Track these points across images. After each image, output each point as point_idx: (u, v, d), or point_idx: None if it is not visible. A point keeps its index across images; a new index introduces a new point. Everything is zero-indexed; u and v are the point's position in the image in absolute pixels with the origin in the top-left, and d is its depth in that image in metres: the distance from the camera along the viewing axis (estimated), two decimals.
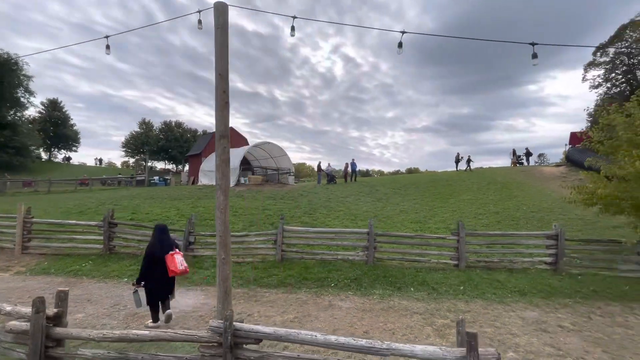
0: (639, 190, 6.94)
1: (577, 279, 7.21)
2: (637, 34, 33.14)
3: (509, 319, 5.65)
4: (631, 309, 6.14)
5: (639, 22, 31.91)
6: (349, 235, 8.54)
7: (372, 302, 6.40)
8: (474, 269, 7.73)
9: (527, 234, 8.09)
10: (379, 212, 14.52)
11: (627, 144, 7.20)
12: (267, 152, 26.68)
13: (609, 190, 7.31)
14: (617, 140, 7.45)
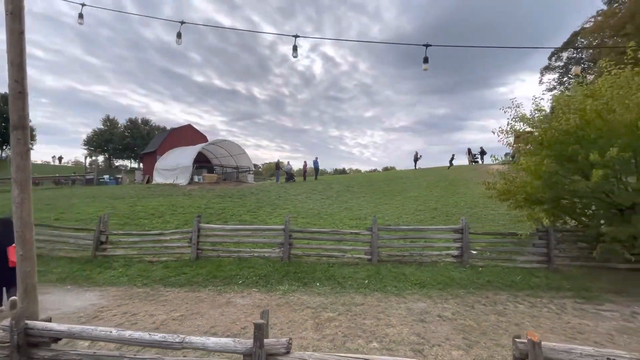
0: (530, 184, 7.36)
1: (478, 271, 7.53)
2: (587, 41, 35.11)
3: (395, 311, 5.81)
4: (515, 296, 6.49)
5: (589, 29, 33.88)
6: (265, 232, 8.53)
7: (272, 298, 6.42)
8: (386, 264, 7.92)
9: (436, 229, 8.39)
10: (323, 210, 14.63)
11: (524, 142, 7.62)
12: (226, 151, 26.27)
13: (506, 185, 7.70)
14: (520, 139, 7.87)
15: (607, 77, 7.02)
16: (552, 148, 7.27)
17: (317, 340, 4.67)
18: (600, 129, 6.50)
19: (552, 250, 7.56)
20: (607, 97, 6.49)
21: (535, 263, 7.64)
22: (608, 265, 7.43)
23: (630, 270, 7.35)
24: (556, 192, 7.40)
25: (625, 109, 6.10)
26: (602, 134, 6.56)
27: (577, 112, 6.82)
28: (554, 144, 7.22)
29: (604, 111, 6.40)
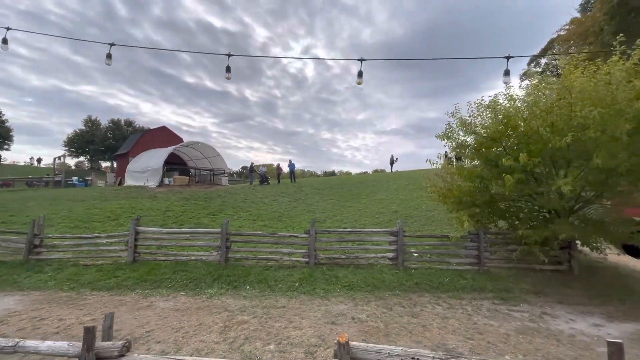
0: (459, 188, 7.53)
1: (410, 273, 7.64)
2: (562, 48, 36.01)
3: (312, 313, 5.86)
4: (438, 298, 6.61)
5: (564, 36, 34.78)
6: (202, 235, 8.50)
7: (195, 302, 6.40)
8: (322, 266, 7.97)
9: (372, 231, 8.49)
10: (286, 212, 14.64)
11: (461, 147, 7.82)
12: (201, 153, 26.09)
13: (438, 188, 7.86)
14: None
15: (532, 85, 7.25)
16: (479, 153, 7.47)
17: (215, 343, 4.68)
18: (518, 134, 6.70)
19: (483, 253, 7.73)
20: (519, 104, 6.72)
21: (467, 265, 7.79)
22: (535, 267, 7.63)
23: (554, 272, 7.56)
24: (488, 195, 7.58)
25: (533, 115, 6.31)
26: (520, 140, 6.77)
27: (500, 119, 7.03)
28: (482, 149, 7.41)
29: (516, 118, 6.61)
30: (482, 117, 7.39)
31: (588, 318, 5.72)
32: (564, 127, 6.11)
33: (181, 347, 4.55)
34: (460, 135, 7.82)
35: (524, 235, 6.85)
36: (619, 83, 5.90)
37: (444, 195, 7.94)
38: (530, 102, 6.66)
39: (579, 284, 7.06)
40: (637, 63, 6.17)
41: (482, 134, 7.34)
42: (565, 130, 6.08)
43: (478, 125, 7.47)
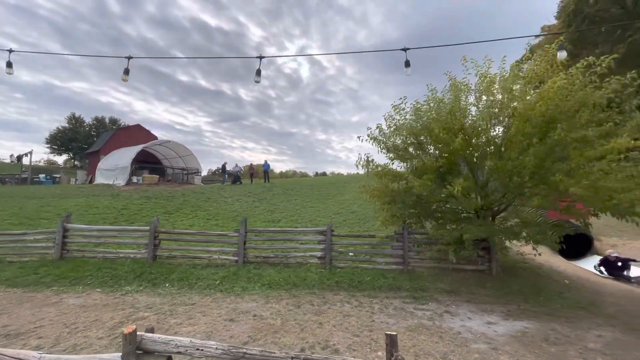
0: (387, 190, 7.65)
1: (335, 272, 7.72)
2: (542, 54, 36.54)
3: (217, 310, 5.90)
4: (352, 297, 6.69)
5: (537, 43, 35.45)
6: (132, 233, 8.48)
7: (108, 298, 6.40)
8: (250, 265, 8.01)
9: (301, 231, 8.57)
10: (245, 212, 14.65)
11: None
12: (175, 152, 25.96)
13: (370, 189, 7.97)
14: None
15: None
16: (404, 155, 7.61)
17: (98, 339, 4.70)
18: (432, 138, 6.86)
19: (407, 253, 7.85)
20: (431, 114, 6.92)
21: (392, 265, 7.90)
22: (457, 267, 7.77)
23: (474, 272, 7.71)
24: (414, 196, 7.71)
25: (436, 120, 6.52)
26: (435, 143, 6.92)
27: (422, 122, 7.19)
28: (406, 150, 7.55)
29: (431, 121, 6.78)
30: (404, 120, 7.53)
31: (486, 316, 5.86)
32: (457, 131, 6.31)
33: (59, 343, 4.56)
34: (391, 138, 7.94)
35: (436, 235, 6.99)
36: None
37: (374, 195, 8.04)
38: (437, 106, 6.84)
39: (494, 283, 7.21)
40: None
41: (406, 137, 7.47)
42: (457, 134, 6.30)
43: (404, 128, 7.61)
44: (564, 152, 6.20)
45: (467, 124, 6.38)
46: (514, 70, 7.15)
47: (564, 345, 4.75)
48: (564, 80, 6.10)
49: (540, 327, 5.39)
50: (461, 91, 7.16)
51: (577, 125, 6.14)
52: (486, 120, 6.86)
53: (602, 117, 6.22)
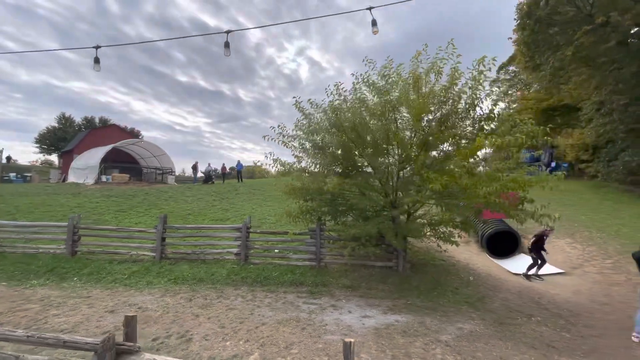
0: (303, 188, 7.80)
1: (246, 268, 7.85)
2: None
3: (101, 302, 6.06)
4: (251, 291, 6.82)
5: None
6: (52, 229, 8.63)
7: (8, 292, 6.54)
8: (167, 261, 8.15)
9: (218, 227, 8.71)
10: (200, 210, 14.77)
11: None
12: (149, 152, 26.13)
13: (289, 187, 8.12)
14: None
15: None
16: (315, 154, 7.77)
17: None
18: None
19: (320, 249, 7.99)
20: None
21: (306, 261, 8.04)
22: (367, 263, 7.91)
23: (382, 268, 7.85)
24: (329, 194, 7.86)
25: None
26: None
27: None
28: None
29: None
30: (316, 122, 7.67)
31: (368, 310, 6.00)
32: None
33: None
34: (303, 138, 8.06)
35: (338, 232, 7.17)
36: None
37: (290, 193, 8.17)
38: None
39: (397, 279, 7.35)
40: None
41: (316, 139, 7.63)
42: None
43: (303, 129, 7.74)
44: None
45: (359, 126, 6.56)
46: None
47: (417, 337, 4.89)
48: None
49: (411, 321, 5.53)
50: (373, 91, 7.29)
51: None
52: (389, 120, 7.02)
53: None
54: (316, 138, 7.45)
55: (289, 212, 7.76)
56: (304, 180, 7.61)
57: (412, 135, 6.89)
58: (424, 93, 6.27)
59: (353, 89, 7.36)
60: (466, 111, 6.73)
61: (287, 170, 7.65)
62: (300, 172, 7.67)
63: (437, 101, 6.37)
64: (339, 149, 7.28)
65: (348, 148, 7.06)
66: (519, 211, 6.91)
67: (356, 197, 7.27)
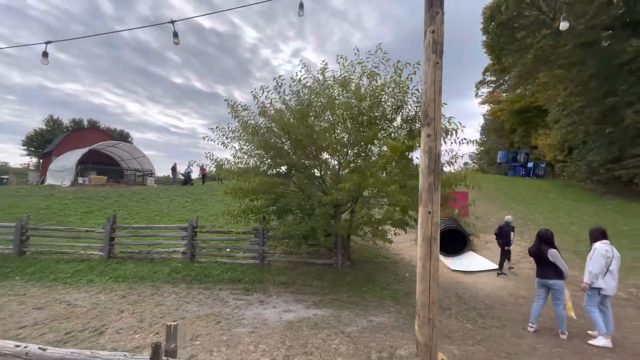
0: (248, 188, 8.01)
1: (192, 266, 8.05)
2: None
3: (39, 300, 6.22)
4: (188, 289, 7.04)
5: None
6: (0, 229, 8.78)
7: None
8: (115, 260, 8.32)
9: (165, 227, 8.92)
10: (167, 212, 14.89)
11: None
12: (130, 154, 26.23)
13: (234, 187, 8.32)
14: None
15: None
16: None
17: None
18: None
19: (264, 248, 8.21)
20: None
21: (250, 259, 8.25)
22: (311, 261, 8.15)
23: (323, 265, 8.08)
24: (273, 194, 8.09)
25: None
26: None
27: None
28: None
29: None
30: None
31: (292, 305, 6.23)
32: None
33: None
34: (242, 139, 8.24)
35: (276, 231, 7.45)
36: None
37: (237, 192, 8.37)
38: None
39: (333, 276, 7.58)
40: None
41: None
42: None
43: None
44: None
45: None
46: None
47: (323, 329, 5.12)
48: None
49: (328, 315, 5.76)
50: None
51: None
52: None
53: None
54: (252, 139, 7.66)
55: (230, 212, 7.95)
56: (248, 180, 7.80)
57: (342, 137, 7.14)
58: (346, 97, 6.54)
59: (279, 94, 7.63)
60: (394, 113, 7.01)
61: (230, 171, 7.84)
62: (241, 172, 7.88)
63: (357, 103, 6.62)
64: (271, 151, 7.51)
65: (277, 149, 7.31)
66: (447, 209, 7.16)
67: (298, 196, 7.51)
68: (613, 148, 15.47)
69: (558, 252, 5.12)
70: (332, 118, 7.18)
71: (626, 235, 10.21)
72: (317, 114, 7.00)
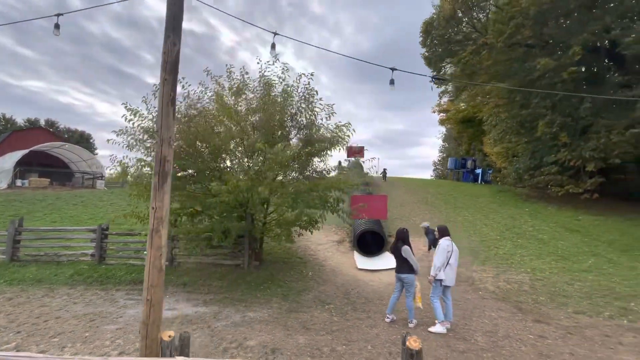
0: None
1: (97, 269, 8.09)
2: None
3: None
4: (84, 290, 7.09)
5: None
6: None
7: None
8: (20, 263, 8.22)
9: (74, 229, 8.92)
10: (105, 214, 14.67)
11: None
12: (79, 156, 25.40)
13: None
14: None
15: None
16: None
17: None
18: None
19: (173, 249, 8.38)
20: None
21: None
22: (220, 261, 8.40)
23: (231, 266, 8.36)
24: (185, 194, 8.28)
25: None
26: None
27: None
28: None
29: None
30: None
31: (181, 304, 6.45)
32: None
33: None
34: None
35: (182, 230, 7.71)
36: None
37: (142, 195, 8.48)
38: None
39: (236, 276, 7.86)
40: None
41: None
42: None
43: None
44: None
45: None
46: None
47: (192, 325, 5.40)
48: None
49: (209, 312, 6.03)
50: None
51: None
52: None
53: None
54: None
55: (136, 214, 8.06)
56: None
57: (240, 142, 7.51)
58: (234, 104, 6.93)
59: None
60: (290, 120, 7.46)
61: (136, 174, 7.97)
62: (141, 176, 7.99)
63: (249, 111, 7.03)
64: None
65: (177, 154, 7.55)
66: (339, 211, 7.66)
67: (198, 199, 7.76)
68: (535, 156, 16.84)
69: (410, 250, 5.68)
70: (228, 125, 7.55)
71: (524, 236, 11.19)
72: (214, 123, 7.33)
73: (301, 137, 7.58)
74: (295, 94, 7.31)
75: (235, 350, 4.56)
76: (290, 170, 7.56)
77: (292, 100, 7.18)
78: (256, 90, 7.41)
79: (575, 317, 6.02)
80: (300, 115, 7.40)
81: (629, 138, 11.98)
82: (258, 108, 7.06)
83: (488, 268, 8.55)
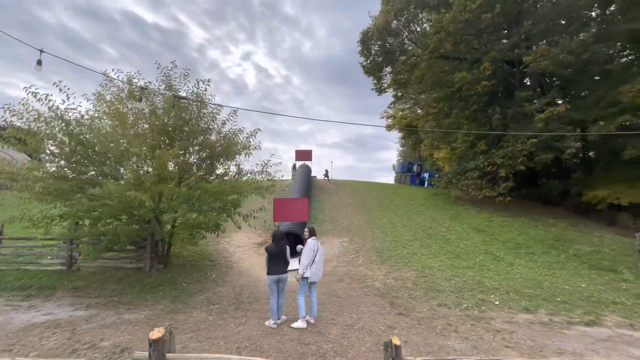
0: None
1: None
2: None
3: None
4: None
5: None
6: None
7: None
8: None
9: None
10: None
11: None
12: (12, 157, 23.82)
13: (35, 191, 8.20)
14: None
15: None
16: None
17: None
18: None
19: (73, 253, 8.25)
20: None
21: (58, 265, 8.23)
22: (123, 265, 8.39)
23: (133, 270, 8.37)
24: (85, 197, 8.16)
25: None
26: None
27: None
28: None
29: None
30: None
31: (60, 309, 6.44)
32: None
33: None
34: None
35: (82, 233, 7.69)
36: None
37: (44, 198, 8.28)
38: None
39: (133, 280, 7.89)
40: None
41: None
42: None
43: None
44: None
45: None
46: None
47: (57, 329, 5.46)
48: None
49: (84, 315, 6.10)
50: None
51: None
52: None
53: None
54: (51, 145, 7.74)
55: (30, 218, 7.87)
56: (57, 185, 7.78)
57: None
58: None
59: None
60: (186, 125, 7.67)
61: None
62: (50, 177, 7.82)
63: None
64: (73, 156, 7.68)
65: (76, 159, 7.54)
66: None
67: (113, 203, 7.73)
68: (461, 162, 18.09)
69: (289, 250, 6.08)
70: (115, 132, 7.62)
71: (434, 237, 12.05)
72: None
73: (198, 142, 7.78)
74: (188, 103, 7.52)
75: (85, 351, 4.70)
76: (174, 176, 7.74)
77: (187, 107, 7.38)
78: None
79: (437, 309, 6.66)
80: (198, 121, 7.61)
81: (529, 147, 13.27)
82: (144, 115, 7.21)
83: (385, 267, 9.17)
